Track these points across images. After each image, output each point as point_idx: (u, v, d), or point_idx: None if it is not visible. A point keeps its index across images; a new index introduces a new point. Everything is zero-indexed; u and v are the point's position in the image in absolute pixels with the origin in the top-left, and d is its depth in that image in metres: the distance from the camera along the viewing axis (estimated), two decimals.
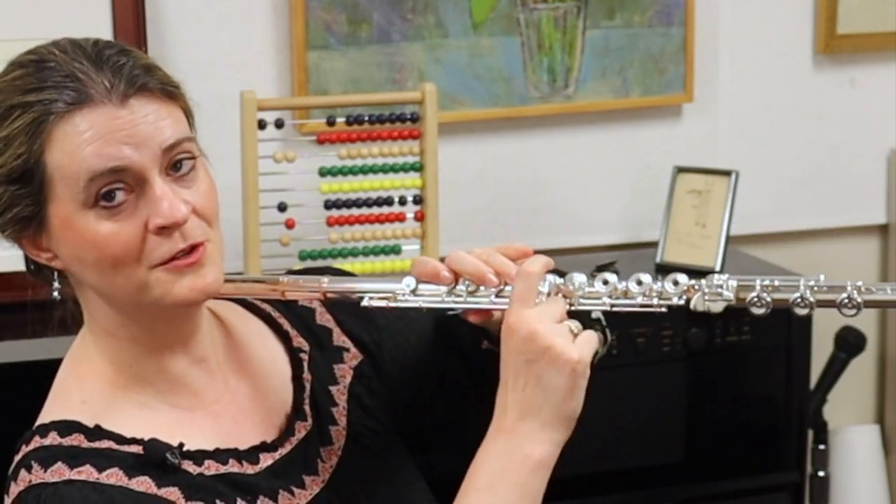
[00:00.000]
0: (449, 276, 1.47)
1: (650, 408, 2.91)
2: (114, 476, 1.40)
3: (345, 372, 1.62)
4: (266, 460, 1.50)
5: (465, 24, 3.01)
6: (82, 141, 1.39)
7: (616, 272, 2.97)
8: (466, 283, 1.47)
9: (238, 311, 1.61)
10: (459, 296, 1.47)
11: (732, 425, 2.98)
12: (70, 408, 1.47)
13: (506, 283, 1.45)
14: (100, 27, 2.72)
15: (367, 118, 2.82)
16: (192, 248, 1.43)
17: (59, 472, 1.40)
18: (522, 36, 3.05)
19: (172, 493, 1.41)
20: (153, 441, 1.43)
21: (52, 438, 1.43)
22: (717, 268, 3.02)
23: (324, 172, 2.84)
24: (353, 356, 1.63)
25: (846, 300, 1.42)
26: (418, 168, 2.85)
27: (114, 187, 1.40)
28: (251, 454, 1.49)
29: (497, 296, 1.46)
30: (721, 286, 1.44)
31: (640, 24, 3.11)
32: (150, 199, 1.41)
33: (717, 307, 1.44)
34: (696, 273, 3.00)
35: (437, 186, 2.85)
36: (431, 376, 1.64)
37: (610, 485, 2.91)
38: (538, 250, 3.20)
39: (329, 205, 2.84)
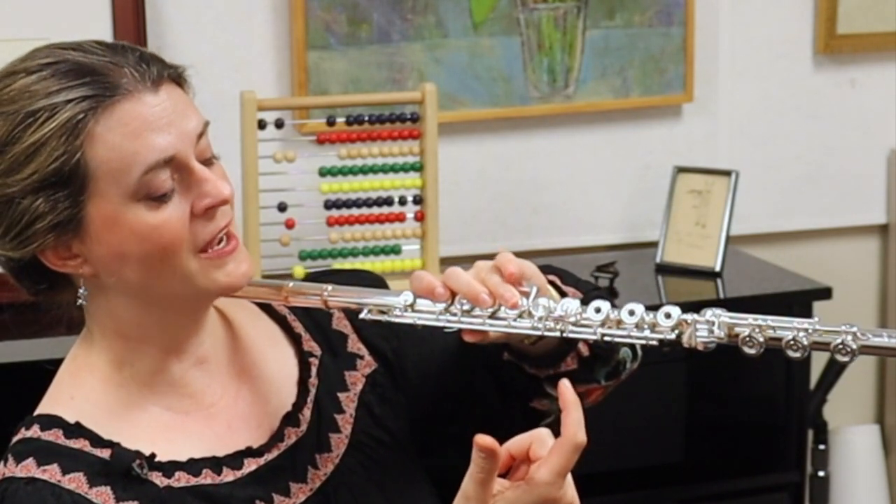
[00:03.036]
0: (443, 292, 1.45)
1: (650, 408, 2.91)
2: (75, 481, 1.40)
3: (356, 379, 1.60)
4: (250, 465, 1.49)
5: (465, 24, 3.01)
6: (129, 132, 1.38)
7: (616, 273, 2.99)
8: (462, 301, 1.45)
9: (251, 310, 1.60)
10: (455, 314, 1.45)
11: (732, 425, 2.98)
12: (58, 402, 1.47)
13: (500, 305, 1.44)
14: (100, 27, 2.72)
15: (367, 118, 2.82)
16: (229, 238, 1.44)
17: (27, 468, 1.40)
18: (522, 36, 3.05)
19: None
20: (122, 449, 1.42)
21: (34, 431, 1.44)
22: (717, 268, 3.02)
23: (324, 172, 2.84)
24: (367, 364, 1.61)
25: (840, 346, 1.36)
26: (418, 168, 2.85)
27: (164, 177, 1.40)
28: (234, 460, 1.48)
29: (491, 317, 1.44)
30: (713, 322, 1.40)
31: (640, 24, 3.11)
32: (193, 183, 1.41)
33: (710, 345, 1.40)
34: (697, 273, 3.04)
35: (437, 186, 2.85)
36: (456, 386, 1.61)
37: (610, 485, 2.91)
38: (538, 251, 3.23)
39: (329, 205, 2.84)
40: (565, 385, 1.40)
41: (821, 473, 3.23)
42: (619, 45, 3.11)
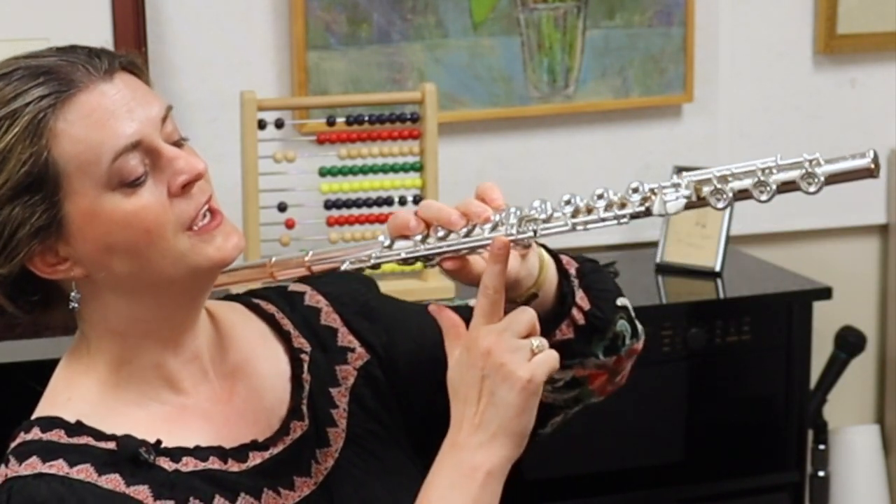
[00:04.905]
0: (416, 224, 1.46)
1: (650, 408, 2.91)
2: (84, 472, 1.40)
3: (347, 373, 1.60)
4: (255, 459, 1.49)
5: (465, 24, 3.01)
6: (91, 123, 1.39)
7: (616, 273, 2.99)
8: (439, 231, 1.46)
9: (241, 311, 1.61)
10: (431, 244, 1.46)
11: (732, 425, 2.98)
12: (56, 405, 1.47)
13: (474, 225, 1.45)
14: (100, 27, 2.72)
15: (367, 118, 2.82)
16: (212, 213, 1.45)
17: (32, 466, 1.40)
18: (522, 36, 3.05)
19: (141, 491, 1.41)
20: (126, 437, 1.42)
21: (34, 433, 1.44)
22: (718, 268, 3.02)
23: (324, 172, 2.84)
24: (359, 356, 1.62)
25: (807, 177, 1.39)
26: (418, 168, 2.85)
27: (135, 162, 1.40)
28: (240, 452, 1.49)
29: (466, 236, 1.44)
30: (679, 184, 1.42)
31: (640, 24, 3.11)
32: (165, 164, 1.42)
33: (678, 206, 1.41)
34: (697, 273, 3.04)
35: (437, 186, 2.85)
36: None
37: (610, 485, 2.91)
38: None
39: (329, 205, 2.84)
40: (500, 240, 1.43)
41: (821, 473, 3.23)
42: (619, 45, 3.11)
